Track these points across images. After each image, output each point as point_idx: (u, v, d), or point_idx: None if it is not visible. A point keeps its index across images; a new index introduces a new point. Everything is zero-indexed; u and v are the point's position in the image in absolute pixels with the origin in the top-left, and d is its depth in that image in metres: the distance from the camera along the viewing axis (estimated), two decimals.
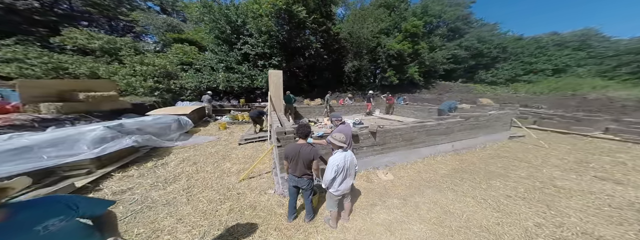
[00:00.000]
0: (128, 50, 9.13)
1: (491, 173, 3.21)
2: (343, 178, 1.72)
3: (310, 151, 1.75)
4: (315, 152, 1.77)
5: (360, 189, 2.68)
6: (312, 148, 1.77)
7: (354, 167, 1.81)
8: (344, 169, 1.70)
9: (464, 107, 6.24)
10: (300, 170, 1.78)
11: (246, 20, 10.23)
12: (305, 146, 1.76)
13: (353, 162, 1.79)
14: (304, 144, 1.80)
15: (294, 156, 1.77)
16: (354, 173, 1.83)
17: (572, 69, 18.43)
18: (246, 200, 2.33)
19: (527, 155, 4.08)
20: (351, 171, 1.79)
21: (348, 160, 1.73)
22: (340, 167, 1.66)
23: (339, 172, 1.67)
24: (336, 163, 1.65)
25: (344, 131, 2.37)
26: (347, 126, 2.54)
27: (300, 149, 1.76)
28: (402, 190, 2.65)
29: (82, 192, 2.42)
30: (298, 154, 1.75)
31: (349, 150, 1.84)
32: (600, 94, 8.84)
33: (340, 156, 1.69)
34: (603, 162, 3.67)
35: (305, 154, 1.75)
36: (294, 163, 1.79)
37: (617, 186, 2.74)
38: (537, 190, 2.63)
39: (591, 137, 5.56)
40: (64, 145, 2.62)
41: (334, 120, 2.59)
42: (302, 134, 1.83)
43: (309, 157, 1.75)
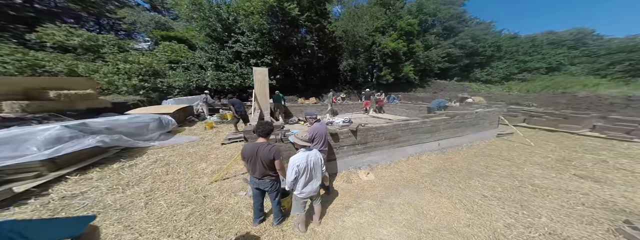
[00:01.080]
0: (111, 48, 8.88)
1: (472, 172, 3.18)
2: (307, 179, 1.63)
3: (270, 150, 1.61)
4: (276, 151, 1.63)
5: (338, 190, 2.63)
6: (271, 147, 1.63)
7: (320, 168, 1.72)
8: (307, 170, 1.61)
9: (453, 105, 6.22)
10: (260, 172, 1.66)
11: (238, 18, 10.05)
12: (264, 145, 1.63)
13: (318, 162, 1.70)
14: (262, 142, 1.67)
15: (250, 156, 1.64)
16: (320, 174, 1.73)
17: (566, 67, 18.57)
18: (212, 203, 2.24)
19: (511, 154, 4.08)
20: (317, 172, 1.69)
21: (311, 161, 1.63)
22: (301, 168, 1.56)
23: (301, 173, 1.58)
24: (296, 163, 1.55)
25: (317, 130, 2.28)
26: (322, 124, 2.45)
27: (258, 148, 1.62)
28: (379, 191, 2.61)
29: (23, 198, 2.21)
30: (255, 153, 1.62)
31: (315, 149, 1.76)
32: (590, 92, 8.90)
33: (301, 156, 1.60)
34: (585, 160, 3.68)
35: (263, 153, 1.61)
36: (252, 164, 1.66)
37: (595, 184, 2.73)
38: (514, 189, 2.61)
39: (578, 135, 5.59)
40: (8, 147, 2.43)
41: (308, 117, 2.46)
42: (261, 132, 1.69)
43: (268, 156, 1.61)
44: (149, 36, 11.38)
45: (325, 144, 2.36)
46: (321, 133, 2.31)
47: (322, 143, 2.32)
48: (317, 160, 1.69)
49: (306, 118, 2.48)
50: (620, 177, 2.94)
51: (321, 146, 2.29)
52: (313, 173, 1.67)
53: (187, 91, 8.94)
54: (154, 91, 8.13)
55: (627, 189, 2.60)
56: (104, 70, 7.59)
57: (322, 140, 2.30)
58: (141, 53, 9.23)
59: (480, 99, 9.48)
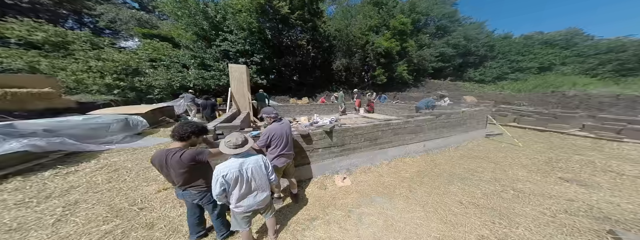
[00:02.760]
0: (82, 45, 8.41)
1: (454, 176, 3.00)
2: (244, 191, 1.35)
3: (182, 157, 1.32)
4: (190, 157, 1.33)
5: (309, 198, 2.41)
6: (182, 153, 1.33)
7: (265, 177, 1.44)
8: (241, 180, 1.32)
9: (441, 105, 6.07)
10: (179, 182, 1.38)
11: (226, 16, 9.80)
12: (173, 152, 1.34)
13: (260, 170, 1.41)
14: (172, 149, 1.37)
15: (161, 166, 1.35)
16: (267, 184, 1.46)
17: (557, 67, 18.79)
18: (146, 217, 1.94)
19: (498, 155, 3.92)
20: (261, 182, 1.41)
21: (249, 169, 1.33)
22: (230, 178, 1.27)
23: (231, 184, 1.30)
24: (222, 173, 1.26)
25: (274, 131, 1.99)
26: (283, 125, 2.08)
27: (167, 156, 1.33)
28: (351, 199, 2.39)
29: None
30: (165, 162, 1.33)
31: (258, 155, 1.46)
32: (579, 91, 8.88)
33: (230, 164, 1.30)
34: (573, 161, 3.53)
35: (173, 162, 1.31)
36: (166, 173, 1.39)
37: (580, 188, 2.57)
38: (495, 195, 2.43)
39: (568, 135, 5.48)
40: None
41: (265, 117, 2.09)
42: (177, 135, 1.39)
43: (180, 165, 1.31)
44: (130, 34, 10.99)
45: (288, 147, 2.06)
46: (280, 135, 1.99)
47: (284, 147, 2.02)
48: (259, 167, 1.40)
49: (262, 117, 2.16)
50: (608, 180, 2.79)
51: (282, 150, 2.00)
52: (253, 183, 1.37)
53: (169, 91, 8.61)
54: (131, 90, 7.76)
55: (614, 193, 2.44)
56: (72, 67, 7.15)
57: (282, 144, 2.00)
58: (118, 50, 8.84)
59: (472, 98, 9.40)
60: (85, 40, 8.57)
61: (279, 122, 2.08)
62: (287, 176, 2.22)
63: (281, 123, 2.08)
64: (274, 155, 1.98)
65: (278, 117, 2.11)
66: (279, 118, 2.11)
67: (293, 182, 2.26)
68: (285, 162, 2.04)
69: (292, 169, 2.24)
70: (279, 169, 2.04)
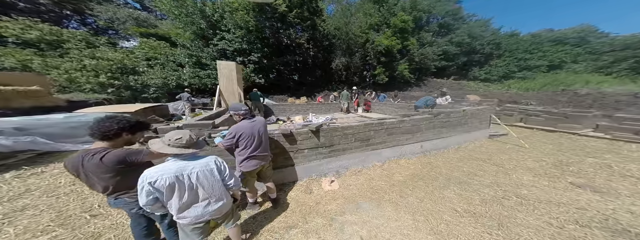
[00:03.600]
0: (77, 43, 8.39)
1: (451, 180, 2.75)
2: (190, 200, 1.11)
3: (104, 159, 1.07)
4: (116, 158, 1.09)
5: (290, 203, 2.22)
6: (107, 153, 1.09)
7: (218, 184, 1.19)
8: (183, 188, 1.07)
9: (441, 103, 5.78)
10: (106, 189, 1.15)
11: (224, 15, 9.75)
12: (92, 153, 1.09)
13: (210, 175, 1.15)
14: (91, 150, 1.11)
15: (77, 171, 1.11)
16: (221, 191, 1.21)
17: (568, 65, 17.99)
18: (96, 226, 1.75)
19: (501, 157, 3.63)
20: (213, 189, 1.16)
21: (193, 174, 1.09)
22: (162, 186, 1.01)
23: (166, 193, 1.04)
24: (149, 179, 0.99)
25: (242, 130, 1.74)
26: (253, 123, 1.82)
27: (83, 158, 1.07)
28: (336, 205, 2.19)
29: None
30: (81, 165, 1.08)
31: (207, 157, 1.21)
32: (593, 89, 8.38)
33: (163, 169, 1.04)
34: (586, 164, 3.22)
35: (91, 165, 1.07)
36: (86, 180, 1.14)
37: (595, 195, 2.29)
38: (495, 201, 2.18)
39: (580, 135, 5.11)
40: None
41: (233, 114, 1.87)
42: (97, 133, 1.13)
43: (102, 169, 1.08)
44: (127, 33, 11.08)
45: (262, 148, 1.84)
46: (250, 134, 1.76)
47: (255, 147, 1.79)
48: (209, 172, 1.16)
49: (231, 114, 1.93)
50: (627, 186, 2.48)
51: (253, 151, 1.79)
52: (201, 191, 1.13)
53: (165, 90, 8.59)
54: (126, 89, 7.76)
55: (635, 201, 2.15)
56: (66, 66, 7.12)
57: (252, 144, 1.77)
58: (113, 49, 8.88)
59: (475, 97, 9.02)
60: (81, 39, 8.61)
61: (250, 119, 1.85)
62: (263, 180, 2.02)
63: (252, 121, 1.85)
64: (244, 157, 1.77)
65: (248, 114, 1.87)
66: (250, 115, 1.89)
67: (270, 187, 2.06)
68: (257, 165, 1.83)
69: (269, 172, 2.03)
70: (251, 173, 1.84)
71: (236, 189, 1.35)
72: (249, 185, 1.89)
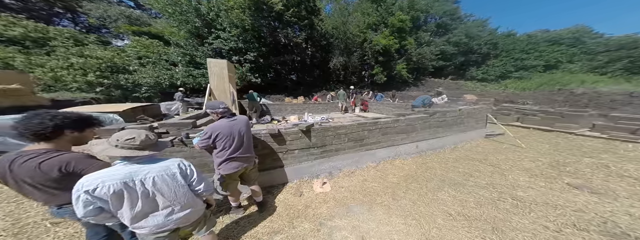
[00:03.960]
0: (64, 41, 8.12)
1: (445, 181, 2.68)
2: (146, 209, 0.96)
3: (42, 166, 0.89)
4: (57, 165, 0.91)
5: (278, 206, 2.12)
6: (49, 159, 0.92)
7: (182, 190, 1.03)
8: (135, 196, 0.92)
9: (437, 102, 5.72)
10: (47, 201, 0.98)
11: (219, 13, 9.61)
12: (27, 158, 0.90)
13: (173, 182, 1.00)
14: (24, 152, 0.93)
15: (4, 178, 0.92)
16: (188, 198, 1.06)
17: (564, 65, 18.12)
18: (55, 235, 1.62)
19: (498, 157, 3.57)
20: (176, 196, 1.01)
21: (151, 180, 0.94)
22: (106, 194, 0.85)
23: (113, 202, 0.89)
24: (87, 187, 0.83)
25: (219, 129, 1.58)
26: (234, 122, 1.67)
27: (10, 163, 0.89)
28: (326, 209, 2.09)
29: None
30: (8, 170, 0.89)
31: (173, 161, 1.06)
32: (588, 88, 8.39)
33: (107, 175, 0.88)
34: (583, 164, 3.17)
35: (23, 171, 0.89)
36: (17, 188, 0.94)
37: (592, 197, 2.22)
38: (490, 203, 2.11)
39: (576, 135, 5.08)
40: None
41: (210, 112, 1.71)
42: (28, 132, 0.93)
43: (41, 176, 0.90)
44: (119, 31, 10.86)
45: (244, 149, 1.70)
46: (228, 134, 1.59)
47: (236, 148, 1.65)
48: (170, 177, 1.00)
49: (207, 113, 1.83)
50: (625, 187, 2.43)
51: (233, 152, 1.64)
52: (160, 199, 0.97)
53: (158, 89, 8.41)
54: (116, 88, 7.56)
55: (633, 203, 2.08)
56: (51, 64, 6.87)
57: (232, 145, 1.62)
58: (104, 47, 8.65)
59: (472, 96, 8.99)
60: (68, 36, 8.33)
61: (229, 118, 1.69)
62: (247, 183, 1.90)
63: (232, 120, 1.69)
64: (222, 159, 1.64)
65: (227, 113, 1.69)
66: (229, 114, 1.71)
67: (255, 190, 1.94)
68: (238, 167, 1.69)
69: (253, 174, 1.90)
70: (232, 175, 1.71)
71: (208, 194, 1.20)
72: (230, 189, 1.77)
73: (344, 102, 8.36)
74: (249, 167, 1.81)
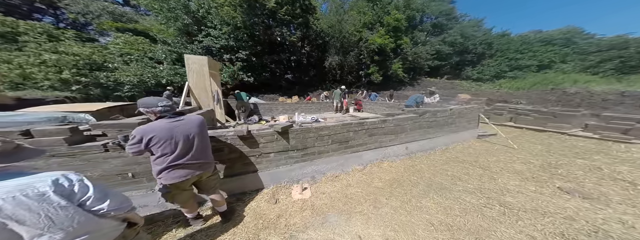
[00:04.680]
0: (37, 36, 7.60)
1: (432, 185, 2.53)
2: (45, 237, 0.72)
3: None
4: None
5: (247, 216, 1.91)
6: None
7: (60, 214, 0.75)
8: None
9: (430, 102, 5.60)
10: None
11: (210, 11, 9.32)
12: None
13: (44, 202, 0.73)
14: None
15: None
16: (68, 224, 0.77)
17: (557, 64, 18.29)
18: None
19: (489, 159, 3.45)
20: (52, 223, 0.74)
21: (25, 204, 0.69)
22: None
23: None
24: None
25: (155, 132, 1.30)
26: (178, 123, 1.40)
27: None
28: (301, 219, 1.91)
29: None
30: None
31: (38, 176, 0.77)
32: (581, 88, 8.39)
33: None
34: (575, 166, 3.06)
35: None
36: None
37: (584, 202, 2.10)
38: (476, 211, 1.96)
39: (569, 135, 5.02)
40: None
41: (146, 111, 1.40)
42: None
43: None
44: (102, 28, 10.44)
45: (193, 155, 1.43)
46: (168, 137, 1.32)
47: (181, 154, 1.37)
48: (28, 198, 0.71)
49: (140, 112, 1.41)
50: (618, 191, 2.31)
51: (178, 159, 1.36)
52: (19, 228, 0.70)
53: (142, 88, 8.08)
54: (95, 87, 7.18)
55: (626, 209, 1.96)
56: (20, 60, 6.38)
57: (175, 150, 1.35)
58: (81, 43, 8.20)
59: (466, 96, 8.92)
60: (41, 31, 7.80)
61: (172, 118, 1.38)
62: (205, 192, 1.67)
63: (174, 120, 1.39)
64: (162, 167, 1.34)
65: (168, 112, 1.40)
66: (171, 113, 1.41)
67: (216, 200, 1.72)
68: (187, 176, 1.42)
69: (212, 182, 1.66)
70: (179, 185, 1.41)
71: (120, 213, 0.93)
72: (179, 200, 1.52)
73: (339, 103, 8.23)
74: (205, 175, 1.57)
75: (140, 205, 1.84)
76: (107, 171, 1.77)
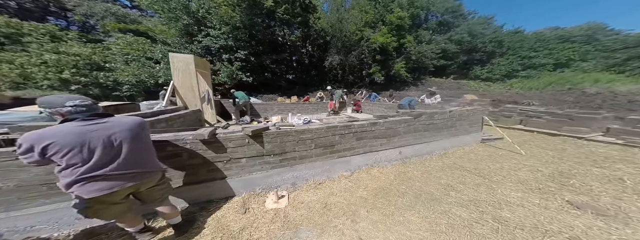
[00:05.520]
0: (40, 37, 7.81)
1: (421, 196, 2.28)
2: None
3: None
4: None
5: (206, 229, 1.72)
6: None
7: None
8: None
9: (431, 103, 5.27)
10: None
11: (209, 10, 9.40)
12: None
13: None
14: None
15: None
16: None
17: (576, 63, 17.06)
18: None
19: (491, 166, 3.13)
20: None
21: None
22: None
23: None
24: None
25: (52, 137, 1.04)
26: (92, 127, 1.13)
27: None
28: (267, 232, 1.72)
29: None
30: None
31: None
32: (603, 88, 7.69)
33: None
34: (591, 176, 2.69)
35: None
36: None
37: (597, 219, 1.78)
38: (465, 227, 1.70)
39: (587, 140, 4.54)
40: None
41: (50, 112, 1.15)
42: None
43: None
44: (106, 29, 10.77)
45: (120, 163, 1.18)
46: (76, 144, 1.06)
47: (99, 164, 1.12)
48: None
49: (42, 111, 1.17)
50: None
51: (98, 170, 1.12)
52: None
53: (141, 87, 8.24)
54: (95, 87, 7.37)
55: None
56: (21, 60, 6.58)
57: (89, 159, 1.10)
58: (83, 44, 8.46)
59: (472, 96, 8.43)
60: (44, 32, 8.03)
61: (85, 121, 1.12)
62: (149, 204, 1.43)
63: (90, 123, 1.12)
64: (71, 180, 1.07)
65: (81, 113, 1.13)
66: (89, 115, 1.15)
67: (165, 212, 1.52)
68: (112, 188, 1.16)
69: (155, 193, 1.42)
70: (103, 200, 1.16)
71: None
72: (106, 216, 1.27)
73: (337, 103, 8.06)
74: (145, 185, 1.34)
75: (77, 218, 1.65)
76: (26, 181, 1.50)
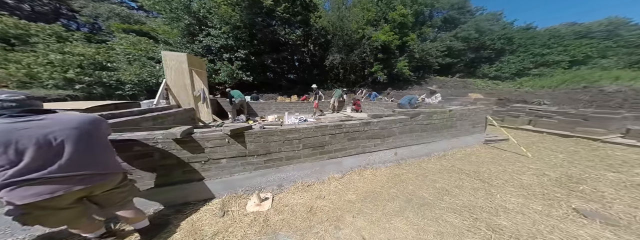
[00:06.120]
0: (46, 38, 8.11)
1: (412, 200, 2.12)
2: None
3: None
4: None
5: (178, 233, 1.63)
6: None
7: None
8: None
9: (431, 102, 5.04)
10: None
11: (210, 10, 9.49)
12: None
13: None
14: None
15: None
16: None
17: (595, 60, 16.05)
18: None
19: (491, 170, 2.91)
20: None
21: None
22: None
23: None
24: None
25: None
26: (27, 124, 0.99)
27: None
28: (241, 237, 1.61)
29: None
30: None
31: None
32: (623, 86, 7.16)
33: None
34: (604, 182, 2.44)
35: None
36: None
37: (605, 230, 1.57)
38: (455, 235, 1.54)
39: (603, 142, 4.20)
40: None
41: None
42: None
43: None
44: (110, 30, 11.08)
45: (61, 165, 1.04)
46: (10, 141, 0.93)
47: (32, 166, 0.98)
48: None
49: None
50: None
51: (27, 173, 0.97)
52: None
53: (144, 87, 8.41)
54: (98, 86, 7.58)
55: None
56: (28, 60, 6.82)
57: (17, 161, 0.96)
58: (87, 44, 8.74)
59: (478, 95, 8.06)
60: (51, 33, 8.34)
61: (13, 118, 0.99)
62: (108, 208, 1.32)
63: (20, 120, 0.99)
64: None
65: (8, 108, 1.00)
66: (19, 111, 1.01)
67: (127, 217, 1.41)
68: (55, 192, 1.02)
69: (114, 197, 1.30)
70: (45, 205, 1.02)
71: None
72: (50, 223, 1.15)
73: (337, 103, 7.94)
74: (99, 188, 1.21)
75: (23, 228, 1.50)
76: None
